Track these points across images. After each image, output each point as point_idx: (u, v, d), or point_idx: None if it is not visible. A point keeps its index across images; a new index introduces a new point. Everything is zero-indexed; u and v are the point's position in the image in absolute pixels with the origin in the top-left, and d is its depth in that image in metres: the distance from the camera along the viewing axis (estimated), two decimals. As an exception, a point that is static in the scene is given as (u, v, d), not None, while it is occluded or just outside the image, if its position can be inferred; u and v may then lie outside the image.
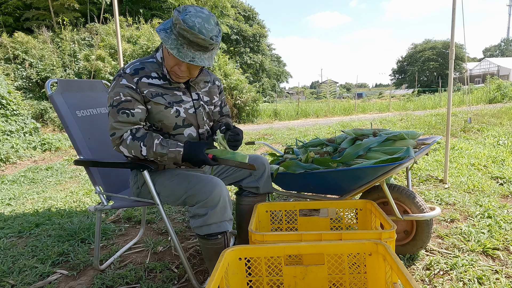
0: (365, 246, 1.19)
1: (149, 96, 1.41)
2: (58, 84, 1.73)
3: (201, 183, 1.39)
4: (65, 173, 4.62)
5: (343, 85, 62.90)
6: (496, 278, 1.58)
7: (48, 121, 9.31)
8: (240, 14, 26.21)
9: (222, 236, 1.41)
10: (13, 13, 12.99)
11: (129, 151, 1.40)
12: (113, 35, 11.34)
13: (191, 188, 1.40)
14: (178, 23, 1.26)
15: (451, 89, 3.05)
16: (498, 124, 6.33)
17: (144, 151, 1.38)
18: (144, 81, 1.41)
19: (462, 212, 2.38)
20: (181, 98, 1.49)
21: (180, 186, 1.44)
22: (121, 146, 1.40)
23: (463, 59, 26.18)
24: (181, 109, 1.48)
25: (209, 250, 1.45)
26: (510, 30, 70.04)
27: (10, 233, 2.44)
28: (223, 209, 1.38)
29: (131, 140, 1.39)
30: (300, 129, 8.02)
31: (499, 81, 14.95)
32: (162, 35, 1.31)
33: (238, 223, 1.78)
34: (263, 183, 1.70)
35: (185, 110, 1.49)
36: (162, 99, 1.43)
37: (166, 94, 1.45)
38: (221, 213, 1.38)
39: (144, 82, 1.41)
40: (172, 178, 1.48)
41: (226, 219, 1.41)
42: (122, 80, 1.39)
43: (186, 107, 1.49)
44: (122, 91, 1.38)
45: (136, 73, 1.41)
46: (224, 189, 1.40)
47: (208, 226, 1.38)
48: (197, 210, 1.38)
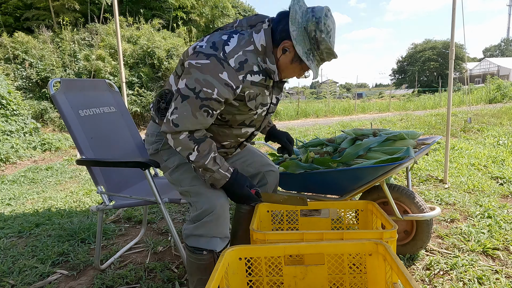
0: (365, 246, 1.19)
1: (247, 98, 1.23)
2: (61, 83, 1.73)
3: (208, 189, 1.31)
4: (65, 173, 4.62)
5: (343, 85, 62.92)
6: (496, 278, 1.59)
7: (48, 121, 9.31)
8: (240, 14, 26.23)
9: (208, 254, 1.29)
10: (13, 13, 12.97)
11: (176, 145, 1.22)
12: (113, 35, 11.34)
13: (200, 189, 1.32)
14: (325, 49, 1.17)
15: (451, 89, 3.05)
16: (498, 124, 6.33)
17: (194, 156, 1.21)
18: (248, 79, 1.19)
19: (462, 212, 2.38)
20: (267, 100, 1.34)
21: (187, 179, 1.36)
22: (171, 135, 1.21)
23: (463, 59, 26.18)
24: (260, 111, 1.33)
25: (191, 264, 1.33)
26: (510, 30, 70.09)
27: (10, 233, 2.44)
28: (220, 225, 1.29)
29: (187, 139, 1.20)
30: (300, 129, 8.02)
31: (499, 81, 14.95)
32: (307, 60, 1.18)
33: (234, 230, 1.70)
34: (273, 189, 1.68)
35: (260, 112, 1.35)
36: (254, 103, 1.27)
37: (259, 95, 1.27)
38: (217, 228, 1.28)
39: (249, 80, 1.20)
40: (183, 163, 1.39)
41: (219, 236, 1.30)
42: (223, 73, 1.13)
43: (264, 110, 1.35)
44: (218, 88, 1.13)
45: (242, 68, 1.16)
46: (226, 204, 1.31)
47: (197, 238, 1.29)
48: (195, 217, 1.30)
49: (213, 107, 1.18)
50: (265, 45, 1.20)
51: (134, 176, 1.95)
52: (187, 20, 15.70)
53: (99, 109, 1.90)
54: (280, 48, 1.19)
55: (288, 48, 1.18)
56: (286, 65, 1.23)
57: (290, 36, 1.15)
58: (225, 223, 1.30)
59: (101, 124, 1.87)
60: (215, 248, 1.30)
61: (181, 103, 1.17)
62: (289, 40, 1.16)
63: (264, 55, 1.21)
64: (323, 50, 1.18)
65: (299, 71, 1.27)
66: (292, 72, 1.27)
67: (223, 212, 1.28)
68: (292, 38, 1.14)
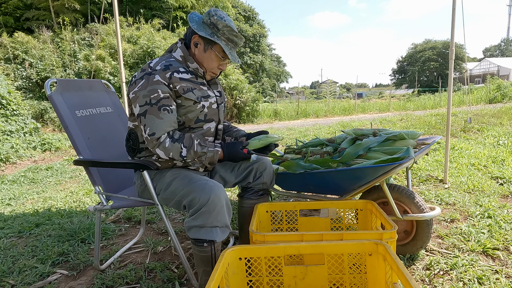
0: (365, 246, 1.19)
1: (180, 91, 1.41)
2: (57, 84, 1.73)
3: (200, 185, 1.38)
4: (65, 173, 4.62)
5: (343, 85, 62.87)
6: (496, 278, 1.59)
7: (48, 121, 9.30)
8: (240, 14, 26.20)
9: (209, 245, 1.37)
10: (13, 13, 12.97)
11: (167, 153, 1.39)
12: (113, 35, 11.35)
13: (190, 189, 1.38)
14: (223, 27, 1.40)
15: (451, 89, 3.05)
16: (498, 124, 6.33)
17: (185, 152, 1.38)
18: (176, 76, 1.41)
19: (462, 212, 2.38)
20: (207, 93, 1.52)
21: (180, 186, 1.43)
22: (157, 148, 1.38)
23: (463, 59, 26.15)
24: (207, 104, 1.50)
25: (195, 256, 1.43)
26: (510, 30, 70.07)
27: (10, 233, 2.44)
28: (217, 213, 1.35)
29: (171, 143, 1.37)
30: (300, 129, 8.02)
31: (499, 81, 14.94)
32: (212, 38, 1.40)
33: (240, 225, 1.77)
34: (269, 179, 1.71)
35: (209, 105, 1.51)
36: (192, 95, 1.44)
37: (195, 89, 1.46)
38: (215, 217, 1.34)
39: (176, 77, 1.41)
40: (174, 178, 1.48)
41: (219, 225, 1.37)
42: (156, 77, 1.37)
43: (211, 102, 1.52)
44: (159, 88, 1.36)
45: (167, 68, 1.41)
46: (223, 193, 1.37)
47: (197, 229, 1.36)
48: (193, 211, 1.36)
49: (168, 104, 1.38)
50: (183, 55, 1.48)
51: (132, 177, 1.95)
52: (187, 20, 15.68)
53: (95, 109, 1.90)
54: (192, 43, 1.46)
55: (197, 41, 1.44)
56: (203, 55, 1.46)
57: (195, 32, 1.42)
58: (222, 211, 1.36)
59: (98, 125, 1.87)
60: (215, 238, 1.37)
61: (145, 119, 1.37)
62: (194, 35, 1.43)
63: (185, 62, 1.48)
64: (223, 30, 1.41)
65: (217, 58, 1.46)
66: (211, 61, 1.47)
67: (219, 201, 1.35)
68: (195, 30, 1.40)
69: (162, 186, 1.50)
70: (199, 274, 1.45)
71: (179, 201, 1.44)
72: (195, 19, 1.44)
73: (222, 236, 1.39)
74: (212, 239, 1.36)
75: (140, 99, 1.37)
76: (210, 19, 1.41)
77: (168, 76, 1.39)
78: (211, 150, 1.43)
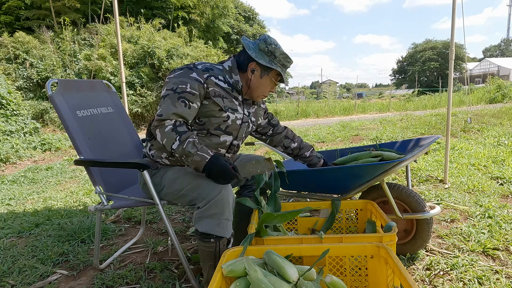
0: (367, 248, 1.19)
1: (212, 93, 1.45)
2: (58, 84, 1.73)
3: (208, 181, 1.41)
4: (65, 173, 4.62)
5: (343, 85, 62.89)
6: (496, 278, 1.58)
7: (48, 121, 9.30)
8: (241, 14, 26.21)
9: (215, 241, 1.40)
10: (14, 13, 12.97)
11: (162, 138, 1.40)
12: (114, 35, 11.34)
13: (199, 183, 1.41)
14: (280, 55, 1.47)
15: (451, 89, 3.05)
16: (498, 124, 6.32)
17: (176, 145, 1.37)
18: (212, 79, 1.47)
19: (462, 212, 2.38)
20: (237, 107, 1.54)
21: (188, 180, 1.45)
22: (158, 129, 1.40)
23: (463, 59, 26.13)
24: (232, 117, 1.51)
25: (202, 251, 1.45)
26: (510, 30, 70.07)
27: (10, 233, 2.44)
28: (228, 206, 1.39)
29: (170, 130, 1.38)
30: (300, 129, 8.01)
31: (499, 81, 14.92)
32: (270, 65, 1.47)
33: (236, 224, 1.76)
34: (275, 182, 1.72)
35: (234, 118, 1.53)
36: (221, 101, 1.47)
37: (226, 98, 1.50)
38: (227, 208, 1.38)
39: (212, 80, 1.47)
40: (181, 173, 1.50)
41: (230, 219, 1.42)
42: (193, 73, 1.43)
43: (237, 117, 1.54)
44: (190, 83, 1.41)
45: (207, 70, 1.47)
46: (231, 190, 1.42)
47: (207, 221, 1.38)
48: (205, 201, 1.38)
49: (189, 99, 1.40)
50: (231, 66, 1.54)
51: (133, 177, 1.95)
52: (187, 20, 15.69)
53: (96, 109, 1.90)
54: (249, 70, 1.51)
55: (254, 67, 1.50)
56: (258, 81, 1.52)
57: (252, 58, 1.48)
58: (230, 207, 1.40)
59: (98, 125, 1.87)
60: (224, 234, 1.39)
61: (163, 101, 1.42)
62: (252, 61, 1.49)
63: (230, 72, 1.53)
64: (279, 57, 1.48)
65: (271, 83, 1.53)
66: (265, 86, 1.54)
67: (229, 196, 1.39)
68: (254, 58, 1.46)
69: (168, 180, 1.51)
70: (206, 269, 1.48)
71: (186, 195, 1.45)
72: (251, 47, 1.49)
73: (230, 231, 1.42)
74: (221, 235, 1.39)
75: (169, 84, 1.43)
76: (268, 47, 1.47)
77: (205, 76, 1.44)
78: (200, 154, 1.35)
